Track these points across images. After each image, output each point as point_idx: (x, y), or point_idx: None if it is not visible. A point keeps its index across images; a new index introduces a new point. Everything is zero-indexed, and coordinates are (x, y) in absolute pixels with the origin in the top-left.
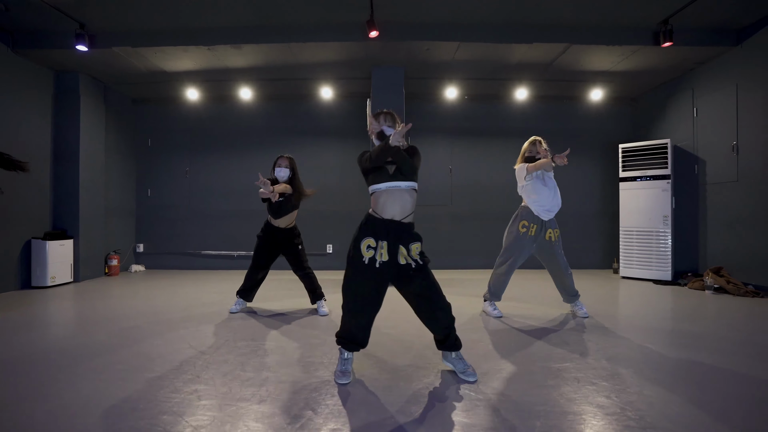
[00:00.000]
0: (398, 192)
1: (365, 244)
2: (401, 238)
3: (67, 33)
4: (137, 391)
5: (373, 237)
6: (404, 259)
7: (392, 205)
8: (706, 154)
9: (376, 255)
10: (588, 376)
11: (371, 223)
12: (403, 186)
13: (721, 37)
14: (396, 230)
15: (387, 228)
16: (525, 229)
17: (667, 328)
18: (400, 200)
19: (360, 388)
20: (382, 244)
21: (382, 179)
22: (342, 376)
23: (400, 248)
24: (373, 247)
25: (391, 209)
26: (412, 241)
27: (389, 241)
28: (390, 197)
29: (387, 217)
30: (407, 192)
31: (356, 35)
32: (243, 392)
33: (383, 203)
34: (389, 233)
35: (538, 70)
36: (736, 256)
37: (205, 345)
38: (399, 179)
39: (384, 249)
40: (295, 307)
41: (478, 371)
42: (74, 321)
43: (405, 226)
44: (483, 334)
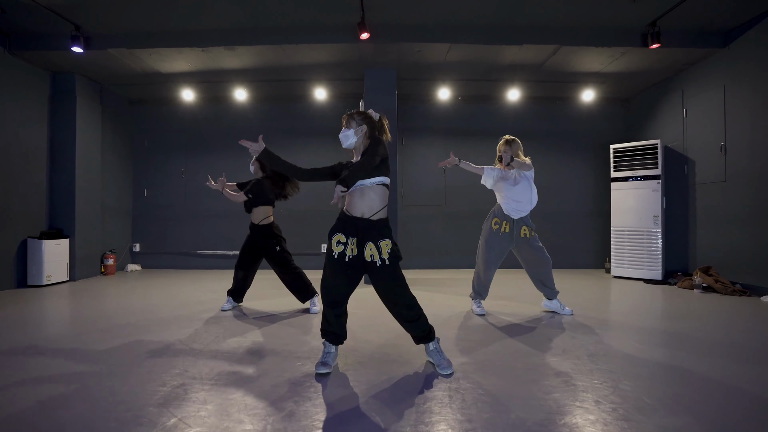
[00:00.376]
0: (364, 190)
1: (335, 239)
2: (370, 234)
3: (63, 35)
4: (125, 385)
5: (343, 233)
6: (370, 256)
7: (360, 203)
8: (695, 155)
9: (345, 250)
10: (567, 372)
11: (342, 220)
12: (367, 183)
13: (708, 38)
14: (364, 227)
15: (356, 225)
16: (497, 227)
17: (651, 327)
18: (366, 198)
19: (343, 382)
20: (352, 240)
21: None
22: (321, 366)
23: (368, 245)
24: (343, 243)
25: (359, 207)
26: (381, 238)
27: (358, 237)
28: (357, 196)
29: (356, 215)
30: (372, 189)
31: (348, 37)
32: (229, 386)
33: (351, 202)
34: (358, 230)
35: (530, 71)
36: (725, 256)
37: (195, 341)
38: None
39: (354, 245)
40: (286, 306)
41: (458, 366)
42: (66, 318)
43: (374, 223)
44: (467, 331)
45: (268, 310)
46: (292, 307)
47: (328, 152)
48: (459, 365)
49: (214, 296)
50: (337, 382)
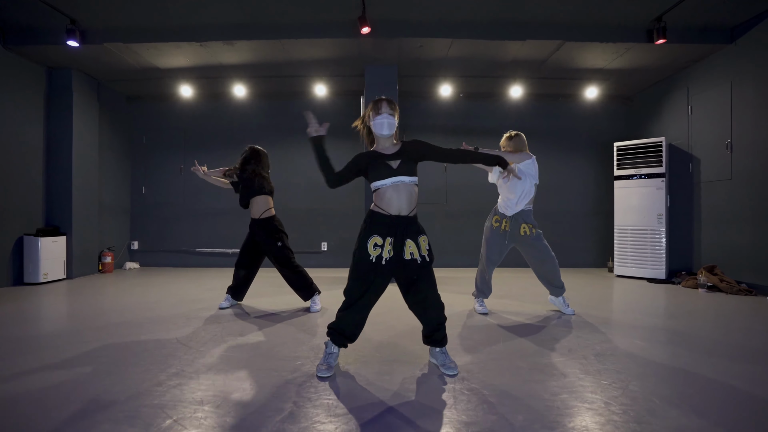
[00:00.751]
0: (403, 186)
1: (372, 242)
2: (408, 232)
3: (59, 29)
4: (119, 384)
5: (379, 234)
6: (410, 254)
7: (399, 199)
8: (700, 153)
9: (383, 252)
10: (575, 372)
11: (377, 220)
12: (407, 181)
13: (714, 34)
14: (403, 225)
15: (394, 223)
16: (497, 224)
17: (657, 325)
18: (404, 194)
19: (344, 381)
20: (390, 241)
21: (385, 174)
22: (324, 370)
23: (407, 242)
24: (380, 245)
25: (397, 204)
26: (419, 234)
27: (396, 237)
28: (396, 192)
29: (393, 213)
30: (411, 186)
31: (348, 32)
32: (226, 386)
33: (389, 199)
34: (396, 229)
35: (533, 68)
36: (730, 255)
37: (193, 340)
38: (404, 174)
39: (390, 245)
40: (286, 305)
41: (463, 367)
42: (62, 316)
43: (411, 220)
44: (470, 330)
45: (268, 308)
46: (292, 305)
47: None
48: (463, 365)
49: (213, 294)
50: (338, 382)
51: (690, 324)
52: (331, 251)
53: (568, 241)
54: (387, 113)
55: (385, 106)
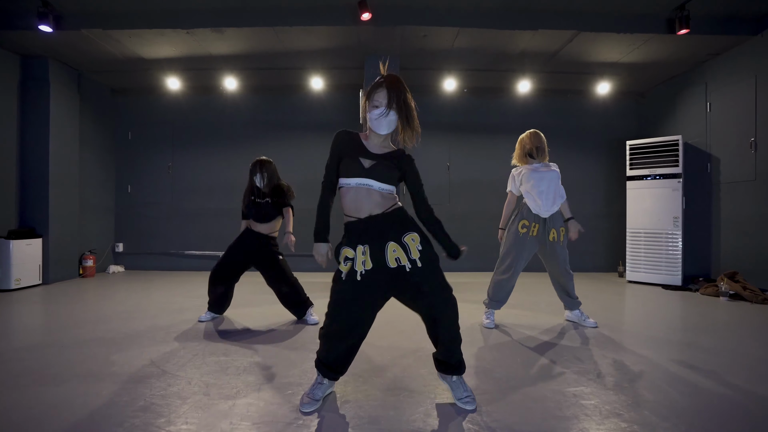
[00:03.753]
0: (368, 191)
1: (342, 255)
2: (386, 233)
3: (31, 12)
4: (72, 425)
5: (349, 245)
6: (395, 260)
7: (366, 201)
8: (719, 152)
9: (355, 266)
10: (611, 405)
11: (348, 231)
12: (375, 187)
13: (740, 25)
14: (378, 226)
15: (366, 227)
16: (525, 230)
17: (686, 341)
18: (373, 200)
19: (339, 416)
20: (364, 249)
21: (352, 172)
22: (307, 404)
23: (389, 246)
24: (351, 258)
25: (367, 205)
26: (404, 232)
27: (371, 242)
28: (361, 194)
29: (363, 216)
30: (380, 194)
31: (347, 19)
32: (204, 422)
33: (353, 201)
34: (370, 233)
35: (542, 61)
36: (753, 261)
37: (169, 361)
38: (374, 178)
39: (366, 255)
40: (276, 316)
41: (479, 395)
42: (27, 329)
43: (389, 217)
44: (483, 349)
45: (256, 321)
46: (283, 317)
47: (324, 146)
48: (481, 394)
49: (198, 302)
50: (334, 420)
51: (728, 340)
52: None
53: (576, 243)
54: (384, 106)
55: (382, 95)
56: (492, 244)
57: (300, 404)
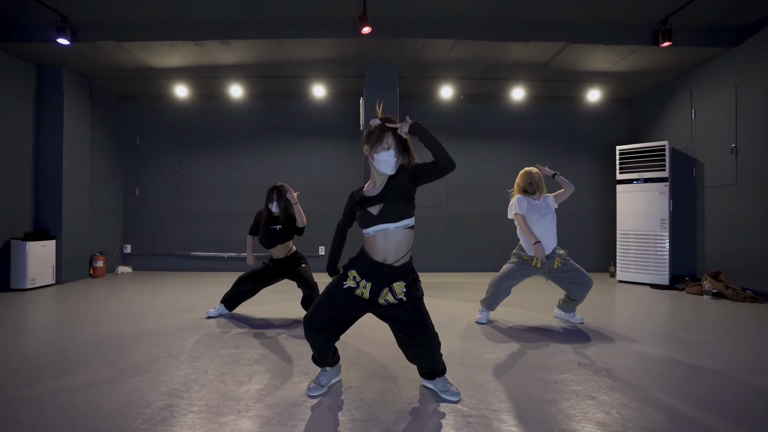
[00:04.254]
0: (389, 234)
1: (351, 274)
2: (387, 281)
3: (49, 26)
4: (104, 406)
5: (359, 272)
6: (384, 300)
7: (383, 247)
8: (704, 157)
9: (356, 290)
10: (587, 389)
11: (362, 259)
12: (391, 228)
13: (720, 37)
14: (384, 273)
15: (375, 269)
16: (528, 259)
17: (666, 335)
18: (391, 242)
19: (342, 403)
20: (366, 285)
21: (368, 223)
22: (312, 388)
23: (384, 291)
24: (357, 281)
25: (383, 252)
26: (396, 280)
27: (374, 283)
28: (383, 239)
29: (377, 260)
30: (398, 233)
31: (348, 32)
32: (221, 407)
33: (373, 246)
34: (376, 275)
35: (535, 70)
36: (735, 261)
37: (185, 353)
38: (387, 220)
39: (366, 289)
40: (282, 314)
41: (470, 383)
42: (48, 326)
43: (396, 270)
44: (475, 342)
45: (261, 318)
46: (288, 314)
47: (325, 151)
48: (467, 381)
49: (206, 301)
50: (336, 403)
51: (702, 333)
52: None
53: (568, 245)
54: (393, 148)
55: (389, 139)
56: (487, 246)
57: (307, 389)
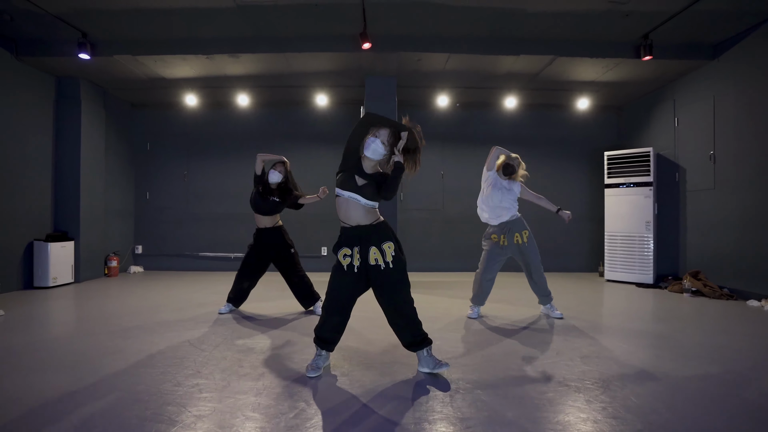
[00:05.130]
0: (356, 204)
1: (341, 253)
2: (370, 240)
3: (69, 41)
4: (141, 384)
5: (347, 245)
6: (374, 260)
7: (352, 213)
8: (686, 163)
9: (353, 261)
10: (561, 373)
11: (343, 232)
12: (362, 202)
13: (698, 51)
14: (365, 234)
15: (355, 234)
16: (496, 239)
17: (642, 329)
18: (360, 210)
19: (347, 383)
20: (357, 249)
21: (347, 186)
22: (311, 370)
23: (372, 249)
24: (349, 255)
25: (354, 216)
26: (383, 241)
27: (361, 246)
28: (350, 207)
29: (353, 224)
30: (363, 207)
31: (350, 46)
32: (241, 386)
33: (345, 211)
34: (359, 239)
35: (526, 80)
36: (713, 261)
37: (204, 343)
38: (363, 195)
39: (358, 254)
40: (289, 308)
41: (457, 368)
42: (76, 320)
43: (373, 228)
44: (464, 333)
45: (271, 312)
46: (294, 309)
47: (328, 157)
48: (458, 367)
49: (216, 298)
50: (343, 384)
51: (673, 327)
52: (330, 256)
53: (560, 246)
54: (381, 140)
55: (383, 133)
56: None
57: (306, 371)
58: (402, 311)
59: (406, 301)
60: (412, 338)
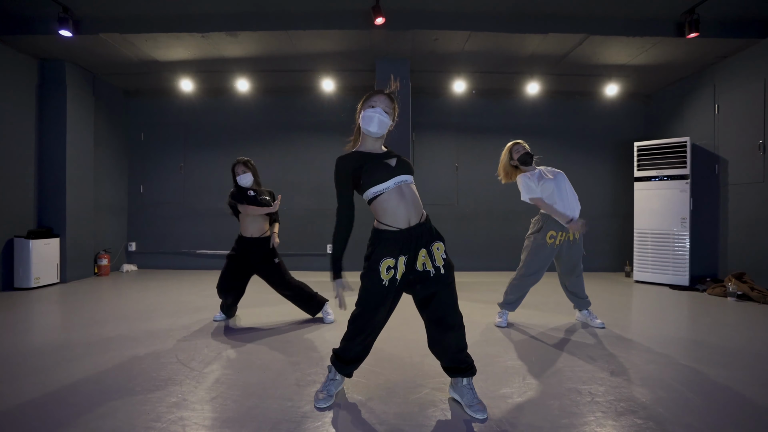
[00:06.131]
0: (407, 187)
1: (384, 265)
2: (421, 241)
3: (51, 17)
4: (113, 419)
5: (391, 255)
6: (422, 265)
7: (406, 206)
8: (728, 154)
9: (396, 274)
10: (625, 401)
11: (386, 238)
12: (410, 180)
13: (747, 28)
14: (417, 236)
15: (407, 238)
16: (552, 240)
17: (696, 341)
18: (411, 197)
19: (351, 417)
20: (404, 259)
21: (385, 175)
22: (322, 399)
23: (420, 252)
24: (393, 267)
25: (406, 213)
26: (433, 241)
27: (410, 252)
28: (400, 196)
29: (404, 226)
30: (414, 187)
31: (360, 23)
32: (234, 420)
33: (394, 208)
34: (411, 244)
35: (551, 63)
36: (760, 262)
37: (194, 359)
38: (405, 172)
39: (404, 263)
40: (294, 314)
41: (496, 392)
42: (53, 326)
43: (424, 227)
44: (499, 347)
45: (273, 320)
46: (300, 315)
47: (334, 147)
48: (498, 392)
49: (213, 301)
50: (346, 417)
51: (735, 340)
52: None
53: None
54: (382, 108)
55: (382, 99)
56: (499, 245)
57: (315, 400)
58: (453, 325)
59: (457, 315)
60: (457, 358)
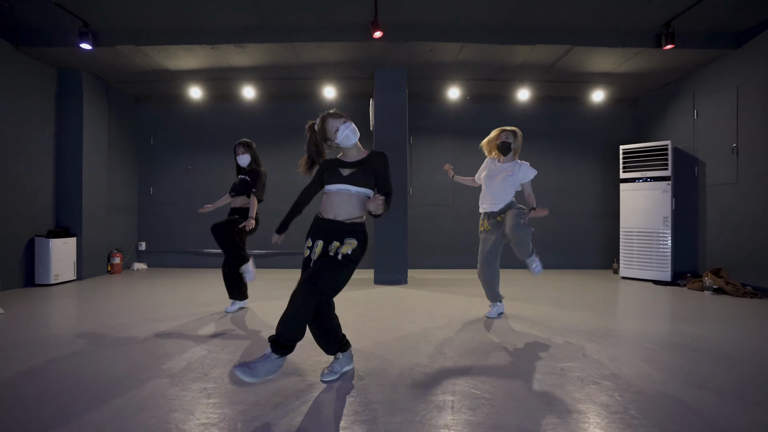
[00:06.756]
0: (347, 195)
1: (306, 244)
2: (338, 236)
3: (71, 31)
4: (146, 389)
5: (311, 237)
6: (334, 251)
7: (336, 205)
8: (706, 156)
9: (312, 254)
10: (591, 376)
11: (313, 223)
12: (353, 190)
13: (721, 40)
14: (334, 229)
15: (325, 227)
16: (482, 227)
17: (666, 329)
18: (346, 203)
19: (365, 386)
20: (317, 243)
21: (334, 180)
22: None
23: (334, 243)
24: (309, 247)
25: (333, 210)
26: (347, 237)
27: (326, 240)
28: (337, 198)
29: (327, 217)
30: (355, 196)
31: (359, 36)
32: (251, 391)
33: (328, 204)
34: (327, 233)
35: (540, 72)
36: (735, 257)
37: (212, 343)
38: (352, 183)
39: (318, 248)
40: None
41: (485, 370)
42: (78, 319)
43: (345, 226)
44: (485, 334)
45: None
46: None
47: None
48: (485, 370)
49: (220, 297)
50: (344, 390)
51: (701, 327)
52: None
53: (573, 242)
54: (344, 121)
55: (336, 118)
56: None
57: (321, 375)
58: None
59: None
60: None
